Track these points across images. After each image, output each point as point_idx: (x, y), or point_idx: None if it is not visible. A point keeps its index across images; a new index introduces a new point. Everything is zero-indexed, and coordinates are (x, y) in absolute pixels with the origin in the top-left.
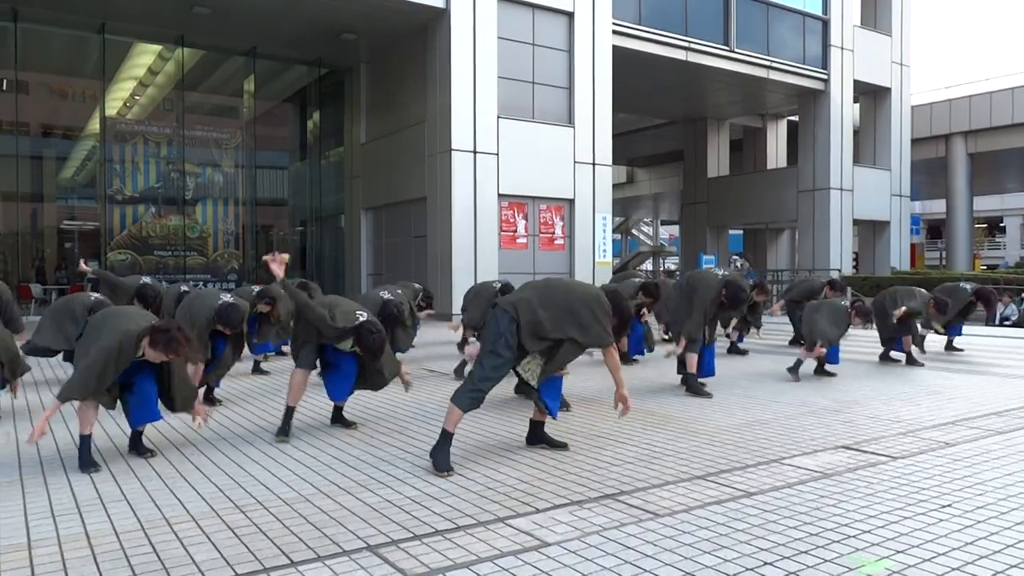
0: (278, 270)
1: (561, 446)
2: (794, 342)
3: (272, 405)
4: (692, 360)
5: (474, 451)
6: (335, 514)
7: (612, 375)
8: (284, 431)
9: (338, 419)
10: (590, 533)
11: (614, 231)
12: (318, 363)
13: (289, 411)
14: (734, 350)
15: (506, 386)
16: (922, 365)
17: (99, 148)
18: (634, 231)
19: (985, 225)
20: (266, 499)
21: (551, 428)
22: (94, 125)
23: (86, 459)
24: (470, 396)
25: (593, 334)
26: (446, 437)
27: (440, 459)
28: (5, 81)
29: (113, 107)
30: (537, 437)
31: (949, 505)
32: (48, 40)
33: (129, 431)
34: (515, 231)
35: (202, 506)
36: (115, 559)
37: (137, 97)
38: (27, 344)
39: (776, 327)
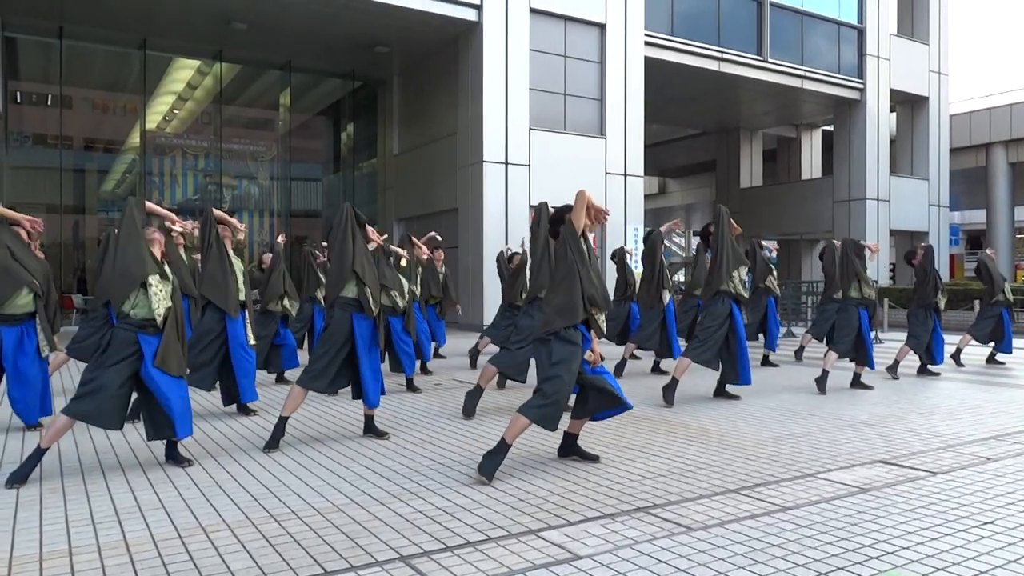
0: None
1: (593, 458)
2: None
3: (303, 414)
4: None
5: (506, 462)
6: (368, 524)
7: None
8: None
9: (370, 429)
10: (623, 546)
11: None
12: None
13: (281, 421)
14: (767, 363)
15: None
16: (938, 374)
17: (139, 161)
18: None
19: None
20: (300, 508)
21: (584, 440)
22: (134, 139)
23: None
24: (537, 409)
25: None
26: (502, 446)
27: (487, 465)
28: (50, 96)
29: (153, 121)
30: (570, 449)
31: (991, 522)
32: (91, 56)
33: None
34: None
35: (237, 515)
36: (153, 566)
37: (176, 111)
38: (72, 345)
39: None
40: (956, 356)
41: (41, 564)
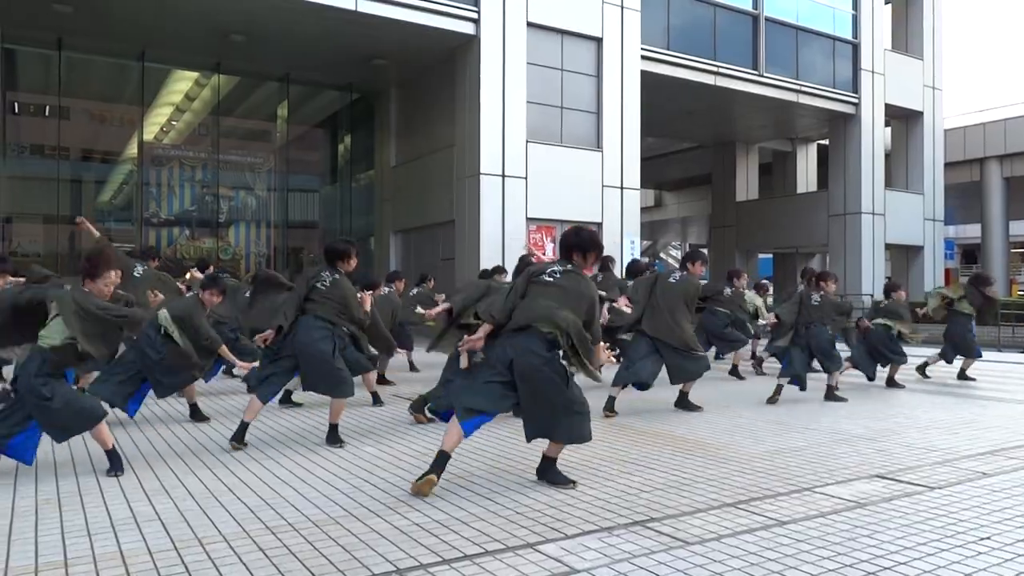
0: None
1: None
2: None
3: (299, 424)
4: None
5: (503, 475)
6: (364, 537)
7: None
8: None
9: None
10: (619, 560)
11: (642, 255)
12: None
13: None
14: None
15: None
16: (903, 387)
17: (136, 172)
18: (662, 255)
19: (1022, 250)
20: (296, 520)
21: (581, 452)
22: (132, 150)
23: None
24: None
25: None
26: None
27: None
28: (48, 107)
29: (151, 132)
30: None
31: (988, 538)
32: (89, 67)
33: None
34: (543, 254)
35: (234, 526)
36: None
37: (174, 122)
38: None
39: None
40: (922, 368)
41: (37, 575)
